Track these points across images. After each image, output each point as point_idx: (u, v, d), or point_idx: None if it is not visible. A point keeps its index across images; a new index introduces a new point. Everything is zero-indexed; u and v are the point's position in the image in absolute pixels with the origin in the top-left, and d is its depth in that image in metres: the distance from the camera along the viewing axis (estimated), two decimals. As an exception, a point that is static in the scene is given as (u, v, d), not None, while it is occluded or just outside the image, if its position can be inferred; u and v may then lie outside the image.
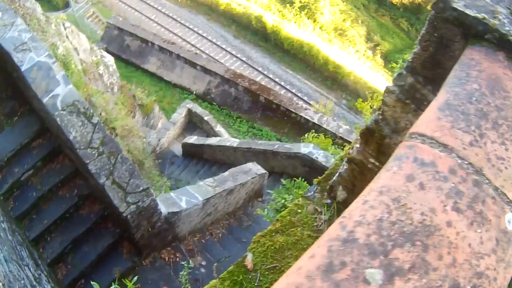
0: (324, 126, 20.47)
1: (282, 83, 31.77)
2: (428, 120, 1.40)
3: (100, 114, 10.36)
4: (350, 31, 36.67)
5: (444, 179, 1.21)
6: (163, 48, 24.98)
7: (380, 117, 2.56)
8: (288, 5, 38.17)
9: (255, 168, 10.31)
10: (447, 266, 1.09)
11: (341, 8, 38.34)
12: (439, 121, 1.37)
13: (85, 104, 6.91)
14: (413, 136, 1.35)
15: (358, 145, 3.01)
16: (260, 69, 32.57)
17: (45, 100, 6.77)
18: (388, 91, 2.35)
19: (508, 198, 1.25)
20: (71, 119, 6.74)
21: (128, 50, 25.81)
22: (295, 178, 5.12)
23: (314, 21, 37.36)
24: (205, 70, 24.15)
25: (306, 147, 12.21)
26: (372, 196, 1.20)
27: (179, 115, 17.84)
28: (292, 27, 36.57)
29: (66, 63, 9.95)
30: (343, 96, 32.75)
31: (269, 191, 7.24)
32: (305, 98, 30.65)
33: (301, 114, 21.76)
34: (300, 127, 21.51)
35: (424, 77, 2.11)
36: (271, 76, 32.00)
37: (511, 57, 1.66)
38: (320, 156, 11.67)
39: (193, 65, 24.36)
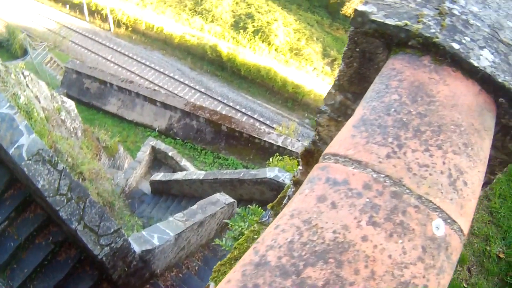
0: (289, 148, 20.87)
1: (243, 110, 32.20)
2: (342, 139, 1.43)
3: (67, 159, 10.58)
4: (306, 49, 37.27)
5: (357, 196, 1.24)
6: (122, 88, 25.25)
7: (317, 137, 2.66)
8: (241, 31, 38.67)
9: (223, 198, 10.62)
10: (365, 280, 1.12)
11: (295, 28, 39.04)
12: (353, 138, 1.39)
13: (49, 152, 7.15)
14: (326, 157, 1.38)
15: (300, 167, 3.17)
16: (219, 98, 32.99)
17: (11, 151, 6.96)
18: (320, 111, 2.40)
19: (434, 204, 1.26)
20: (37, 168, 6.97)
21: (88, 93, 26.03)
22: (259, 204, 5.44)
23: (269, 44, 37.81)
24: (165, 106, 24.46)
25: (272, 171, 12.47)
26: (283, 220, 1.23)
27: (144, 153, 18.04)
28: (248, 53, 37.00)
29: (29, 112, 10.19)
30: (305, 115, 33.27)
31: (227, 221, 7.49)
32: (268, 122, 31.16)
33: (264, 138, 22.11)
34: (265, 151, 21.83)
35: (352, 93, 2.13)
36: (231, 104, 32.40)
37: (438, 59, 1.69)
38: (286, 178, 11.93)
39: (152, 102, 24.68)
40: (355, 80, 2.06)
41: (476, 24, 1.88)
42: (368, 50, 1.89)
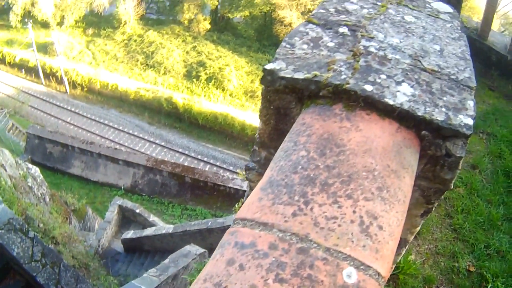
0: (255, 190, 21.43)
1: (205, 159, 32.79)
2: (250, 203, 1.43)
3: (38, 225, 10.94)
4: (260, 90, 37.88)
5: (264, 256, 1.25)
6: (84, 150, 25.54)
7: (250, 191, 2.52)
8: (194, 80, 39.35)
9: (193, 250, 11.15)
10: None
11: (247, 70, 39.81)
12: (260, 201, 1.40)
13: (19, 221, 7.49)
14: (235, 222, 1.39)
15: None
16: (180, 150, 33.59)
17: (-17, 222, 7.30)
18: (248, 168, 2.41)
19: (345, 254, 1.28)
20: (10, 237, 7.38)
21: (52, 157, 26.27)
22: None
23: (223, 89, 38.47)
24: (128, 163, 24.85)
25: (238, 217, 12.97)
26: (197, 285, 1.25)
27: (112, 213, 18.37)
28: (203, 101, 37.58)
29: (-4, 182, 10.51)
30: (268, 156, 33.76)
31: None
32: (231, 168, 31.65)
33: (229, 185, 22.65)
34: (231, 197, 22.18)
35: (274, 148, 2.08)
36: (192, 154, 32.95)
37: (351, 105, 1.74)
38: (253, 222, 12.45)
39: (115, 161, 25.05)
40: (274, 136, 2.11)
41: (395, 58, 2.04)
42: (282, 106, 1.95)
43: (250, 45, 44.42)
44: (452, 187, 1.92)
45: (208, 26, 45.02)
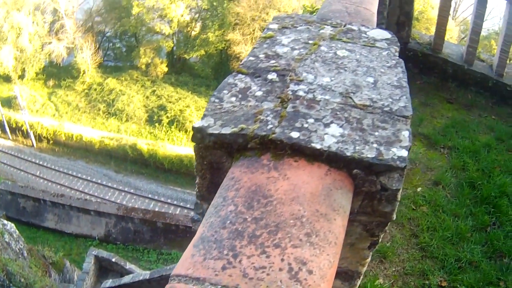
0: (226, 228, 21.67)
1: (175, 202, 32.86)
2: (184, 260, 1.47)
3: (20, 280, 11.10)
4: (224, 124, 38.17)
5: None
6: (55, 203, 25.58)
7: None
8: (157, 124, 39.47)
9: None
10: None
11: (208, 107, 40.00)
12: (193, 258, 1.44)
13: (0, 277, 7.71)
14: (171, 278, 1.42)
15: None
16: (150, 195, 33.62)
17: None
18: (193, 221, 2.43)
19: None
20: None
21: (25, 212, 26.24)
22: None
23: (186, 131, 38.48)
24: (99, 213, 24.92)
25: (213, 256, 13.20)
26: None
27: (89, 264, 18.42)
28: (167, 145, 37.75)
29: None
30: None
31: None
32: (202, 209, 31.58)
33: (201, 226, 22.74)
34: None
35: None
36: (162, 199, 32.96)
37: (278, 154, 1.79)
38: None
39: (86, 211, 25.10)
40: (212, 189, 2.08)
41: (325, 99, 2.09)
42: (214, 161, 1.97)
43: (208, 84, 44.46)
44: (394, 218, 1.96)
45: (166, 69, 45.26)
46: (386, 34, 2.91)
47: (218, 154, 1.93)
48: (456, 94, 9.16)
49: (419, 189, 6.47)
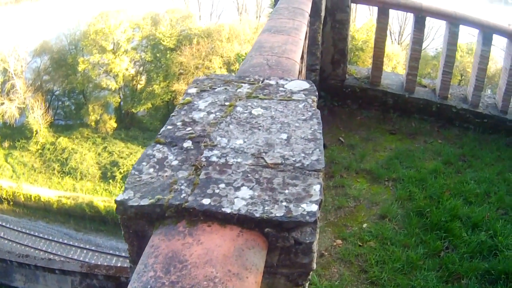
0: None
1: (138, 257, 32.58)
2: None
3: None
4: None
5: None
6: (21, 263, 25.34)
7: None
8: (111, 180, 39.64)
9: None
10: None
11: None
12: None
13: None
14: None
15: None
16: (111, 251, 33.35)
17: None
18: None
19: None
20: None
21: (-5, 273, 25.94)
22: None
23: None
24: (64, 272, 24.42)
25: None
26: None
27: None
28: (124, 200, 37.59)
29: None
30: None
31: None
32: (163, 261, 31.61)
33: (165, 275, 22.65)
34: None
35: None
36: (123, 254, 32.50)
37: (193, 220, 1.88)
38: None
39: (51, 271, 24.66)
40: (140, 255, 2.02)
41: (237, 162, 2.19)
42: (139, 230, 2.03)
43: (159, 138, 44.78)
44: (314, 267, 2.02)
45: (115, 125, 45.62)
46: (304, 85, 3.02)
47: (140, 224, 1.98)
48: (399, 124, 9.13)
49: (364, 225, 6.37)
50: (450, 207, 6.55)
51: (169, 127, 2.55)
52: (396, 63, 40.93)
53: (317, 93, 2.98)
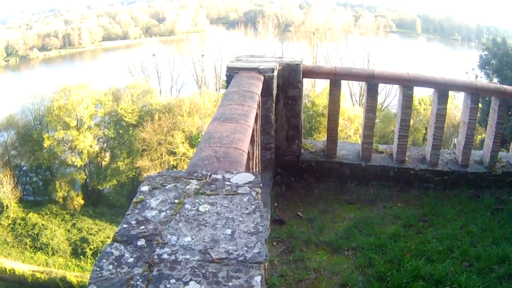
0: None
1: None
2: None
3: None
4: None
5: None
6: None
7: None
8: (82, 256, 39.56)
9: None
10: None
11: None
12: None
13: None
14: None
15: None
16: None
17: None
18: None
19: None
20: None
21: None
22: None
23: None
24: None
25: None
26: None
27: None
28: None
29: None
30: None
31: None
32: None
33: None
34: None
35: None
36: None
37: None
38: None
39: None
40: None
41: (186, 258, 2.33)
42: None
43: (125, 214, 44.68)
44: None
45: (82, 202, 45.69)
46: (249, 177, 3.22)
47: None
48: (357, 193, 9.05)
49: (326, 296, 6.37)
50: (412, 268, 6.54)
51: (124, 225, 2.71)
52: (358, 125, 41.64)
53: (261, 185, 3.15)
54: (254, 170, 5.11)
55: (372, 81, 8.85)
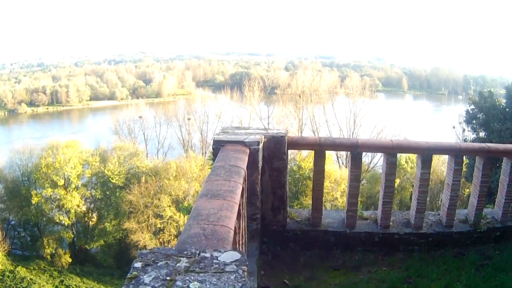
0: None
1: None
2: None
3: None
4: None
5: None
6: None
7: None
8: None
9: None
10: None
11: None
12: None
13: None
14: None
15: None
16: None
17: None
18: None
19: None
20: None
21: None
22: None
23: None
24: None
25: None
26: None
27: None
28: None
29: None
30: None
31: None
32: None
33: None
34: None
35: None
36: None
37: None
38: None
39: None
40: None
41: None
42: None
43: (112, 273, 45.15)
44: None
45: (70, 259, 45.63)
46: (235, 255, 3.43)
47: None
48: (342, 259, 9.17)
49: None
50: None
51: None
52: (344, 186, 41.92)
53: (247, 263, 3.36)
54: (240, 243, 5.30)
55: (356, 150, 9.05)
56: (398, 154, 9.56)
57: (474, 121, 31.92)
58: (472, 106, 32.53)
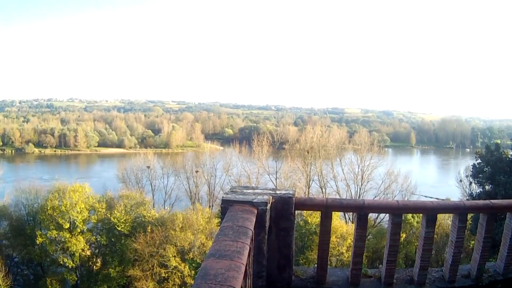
0: None
1: None
2: None
3: None
4: None
5: None
6: None
7: None
8: None
9: None
10: None
11: None
12: None
13: None
14: None
15: None
16: None
17: None
18: None
19: None
20: None
21: None
22: None
23: None
24: None
25: None
26: None
27: None
28: None
29: None
30: None
31: None
32: None
33: None
34: None
35: None
36: None
37: None
38: None
39: None
40: None
41: None
42: None
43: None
44: None
45: None
46: None
47: None
48: None
49: None
50: None
51: None
52: (350, 241, 41.87)
53: None
54: (246, 301, 5.40)
55: (362, 212, 9.10)
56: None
57: (481, 175, 31.96)
58: (479, 160, 32.64)
